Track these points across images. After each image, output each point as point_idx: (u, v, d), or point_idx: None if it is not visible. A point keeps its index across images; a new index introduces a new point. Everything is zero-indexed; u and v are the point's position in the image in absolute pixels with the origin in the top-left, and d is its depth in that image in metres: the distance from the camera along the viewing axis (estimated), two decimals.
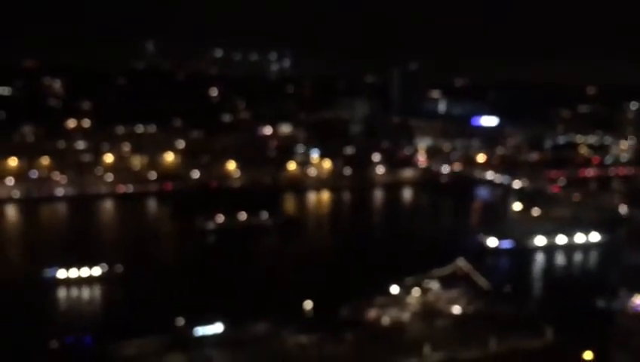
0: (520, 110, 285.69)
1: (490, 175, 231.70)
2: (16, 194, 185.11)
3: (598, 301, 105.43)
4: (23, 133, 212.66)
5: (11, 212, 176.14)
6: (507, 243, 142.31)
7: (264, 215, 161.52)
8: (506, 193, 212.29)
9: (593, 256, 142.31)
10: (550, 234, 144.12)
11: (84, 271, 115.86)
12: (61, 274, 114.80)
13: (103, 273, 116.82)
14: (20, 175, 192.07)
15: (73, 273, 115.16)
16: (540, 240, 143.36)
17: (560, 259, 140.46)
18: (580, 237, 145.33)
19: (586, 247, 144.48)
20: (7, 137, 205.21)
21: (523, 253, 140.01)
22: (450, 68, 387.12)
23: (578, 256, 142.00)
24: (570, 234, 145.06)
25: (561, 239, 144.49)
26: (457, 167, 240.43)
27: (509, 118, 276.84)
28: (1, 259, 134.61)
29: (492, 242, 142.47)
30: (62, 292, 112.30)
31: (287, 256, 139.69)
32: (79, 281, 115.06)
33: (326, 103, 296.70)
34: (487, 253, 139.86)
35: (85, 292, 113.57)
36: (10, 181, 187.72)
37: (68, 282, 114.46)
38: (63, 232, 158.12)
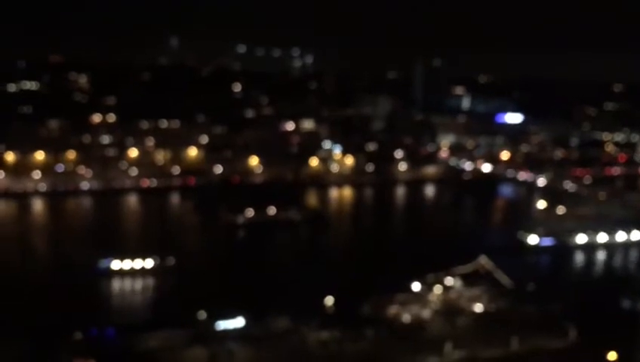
0: (545, 107, 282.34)
1: (514, 172, 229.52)
2: (43, 187, 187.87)
3: (623, 301, 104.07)
4: (50, 128, 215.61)
5: (38, 205, 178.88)
6: (548, 241, 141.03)
7: (292, 210, 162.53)
8: (530, 191, 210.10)
9: (633, 255, 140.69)
10: (592, 232, 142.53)
11: (138, 263, 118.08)
12: (115, 265, 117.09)
13: (154, 265, 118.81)
14: (47, 169, 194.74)
15: (128, 264, 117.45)
16: (581, 238, 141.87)
17: (597, 258, 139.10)
18: (621, 236, 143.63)
19: (627, 246, 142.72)
20: (34, 131, 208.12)
21: (562, 251, 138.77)
22: (475, 64, 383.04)
23: (617, 255, 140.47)
24: (609, 232, 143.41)
25: (602, 237, 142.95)
26: (481, 164, 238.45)
27: (534, 115, 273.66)
28: (44, 249, 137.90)
29: (532, 239, 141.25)
30: (113, 283, 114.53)
31: (311, 251, 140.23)
32: (132, 273, 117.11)
33: (348, 99, 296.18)
34: (526, 250, 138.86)
35: (135, 284, 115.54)
36: (37, 174, 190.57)
37: (122, 273, 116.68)
38: (94, 225, 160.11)
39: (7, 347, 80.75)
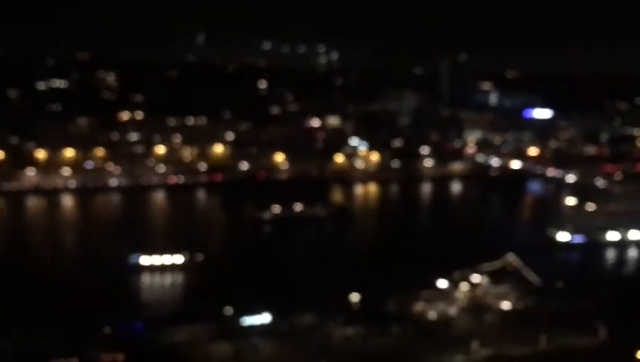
0: (574, 102, 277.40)
1: (542, 169, 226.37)
2: (73, 184, 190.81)
3: None
4: (79, 125, 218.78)
5: (68, 201, 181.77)
6: (578, 238, 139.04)
7: (318, 206, 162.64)
8: (559, 188, 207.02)
9: None
10: (623, 229, 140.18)
11: (167, 259, 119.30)
12: (145, 260, 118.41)
13: (184, 261, 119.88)
14: (76, 165, 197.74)
15: (157, 260, 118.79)
16: (612, 236, 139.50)
17: (628, 255, 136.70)
18: None
19: None
20: (63, 129, 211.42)
21: (593, 249, 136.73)
22: (502, 59, 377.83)
23: None
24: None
25: (633, 234, 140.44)
26: (508, 160, 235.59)
27: (563, 111, 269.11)
28: (74, 244, 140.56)
29: (563, 236, 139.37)
30: (142, 278, 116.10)
31: (336, 247, 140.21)
32: (162, 268, 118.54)
33: (374, 95, 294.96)
34: (556, 247, 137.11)
35: (163, 279, 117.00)
36: (66, 171, 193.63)
37: (151, 268, 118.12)
38: (122, 221, 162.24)
39: (38, 340, 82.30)
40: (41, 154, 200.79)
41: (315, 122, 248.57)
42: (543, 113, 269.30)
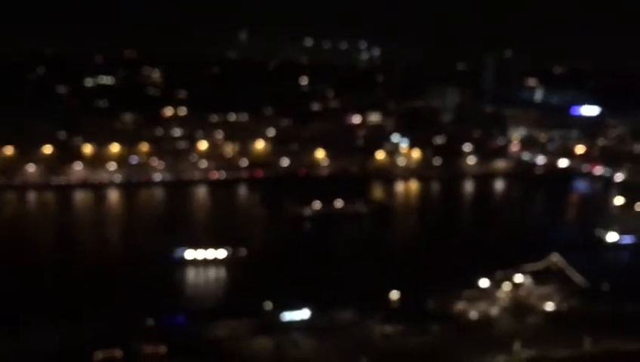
0: (624, 99, 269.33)
1: (589, 167, 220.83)
2: (118, 178, 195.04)
3: None
4: (124, 121, 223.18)
5: (113, 195, 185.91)
6: (627, 239, 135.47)
7: (359, 202, 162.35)
8: (607, 186, 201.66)
9: None
10: None
11: (211, 253, 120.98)
12: (189, 254, 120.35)
13: (227, 255, 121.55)
14: (121, 160, 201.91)
15: (200, 254, 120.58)
16: None
17: None
18: None
19: None
20: (109, 124, 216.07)
21: None
22: (549, 54, 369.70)
23: None
24: None
25: None
26: (554, 158, 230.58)
27: (612, 108, 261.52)
28: (119, 238, 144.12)
29: (612, 237, 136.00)
30: (186, 272, 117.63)
31: (377, 244, 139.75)
32: (205, 262, 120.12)
33: (416, 92, 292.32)
34: (604, 247, 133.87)
35: (206, 273, 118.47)
36: (112, 166, 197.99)
37: (195, 263, 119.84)
38: (165, 216, 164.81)
39: (83, 332, 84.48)
40: (88, 149, 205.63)
41: (356, 119, 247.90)
42: (590, 110, 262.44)
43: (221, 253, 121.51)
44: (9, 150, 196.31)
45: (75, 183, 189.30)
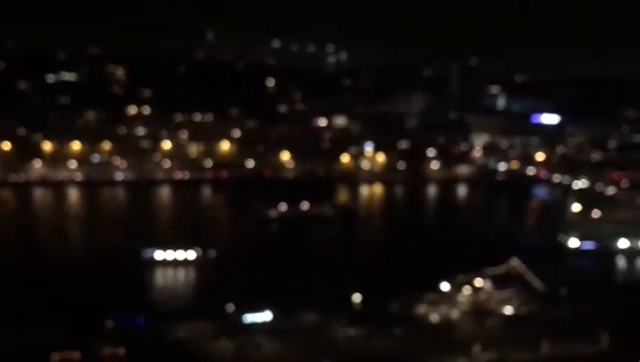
0: (585, 108, 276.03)
1: (548, 174, 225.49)
2: (79, 177, 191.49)
3: None
4: (87, 119, 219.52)
5: (74, 194, 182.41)
6: (588, 245, 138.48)
7: (325, 205, 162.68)
8: (565, 193, 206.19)
9: None
10: (632, 237, 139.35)
11: (180, 254, 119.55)
12: (158, 255, 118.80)
13: (197, 257, 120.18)
14: (83, 159, 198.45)
15: (169, 255, 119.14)
16: (622, 243, 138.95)
17: (638, 264, 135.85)
18: None
19: None
20: (71, 122, 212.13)
21: (601, 256, 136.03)
22: (512, 63, 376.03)
23: None
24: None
25: None
26: (515, 164, 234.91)
27: (573, 116, 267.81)
28: (81, 237, 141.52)
29: (573, 242, 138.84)
30: (154, 272, 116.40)
31: (341, 247, 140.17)
32: (174, 263, 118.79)
33: (383, 96, 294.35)
34: (565, 253, 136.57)
35: (175, 274, 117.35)
36: (73, 164, 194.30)
37: (163, 263, 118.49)
38: (128, 215, 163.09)
39: (44, 333, 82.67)
40: (48, 146, 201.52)
41: (323, 122, 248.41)
42: (550, 118, 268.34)
43: (190, 254, 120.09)
44: None
45: (34, 181, 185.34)
